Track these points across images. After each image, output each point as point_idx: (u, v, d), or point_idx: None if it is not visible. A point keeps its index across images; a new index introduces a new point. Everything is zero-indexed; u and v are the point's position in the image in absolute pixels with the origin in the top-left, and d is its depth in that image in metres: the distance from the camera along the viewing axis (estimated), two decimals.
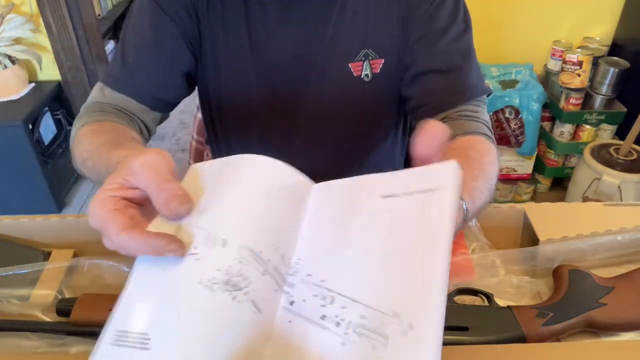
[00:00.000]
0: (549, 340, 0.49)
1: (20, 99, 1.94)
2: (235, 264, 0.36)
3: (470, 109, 0.70)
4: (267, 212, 0.40)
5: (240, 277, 0.36)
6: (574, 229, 0.59)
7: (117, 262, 0.56)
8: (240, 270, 0.36)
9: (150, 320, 0.35)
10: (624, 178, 1.66)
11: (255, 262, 0.37)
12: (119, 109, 0.71)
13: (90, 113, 0.68)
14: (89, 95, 0.73)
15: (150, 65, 0.72)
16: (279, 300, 0.37)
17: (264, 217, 0.40)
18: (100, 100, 0.71)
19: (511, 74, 1.92)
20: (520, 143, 1.95)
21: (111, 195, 0.40)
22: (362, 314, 0.34)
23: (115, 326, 0.35)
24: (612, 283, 0.54)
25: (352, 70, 0.75)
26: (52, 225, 0.64)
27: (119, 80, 0.71)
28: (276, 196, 0.42)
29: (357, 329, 0.33)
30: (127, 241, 0.37)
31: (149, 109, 0.73)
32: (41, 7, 1.91)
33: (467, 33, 0.73)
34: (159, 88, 0.73)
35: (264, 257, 0.37)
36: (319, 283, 0.37)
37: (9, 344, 0.51)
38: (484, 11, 1.87)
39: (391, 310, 0.32)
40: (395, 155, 0.93)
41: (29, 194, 1.99)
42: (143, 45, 0.71)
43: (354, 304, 0.34)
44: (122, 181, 0.40)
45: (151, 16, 0.71)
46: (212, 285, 0.35)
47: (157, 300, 0.36)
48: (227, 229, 0.38)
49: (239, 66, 0.75)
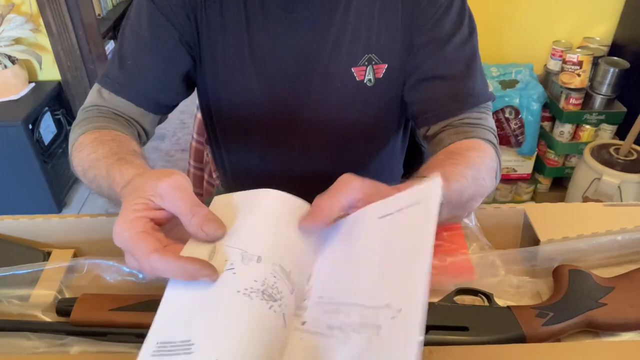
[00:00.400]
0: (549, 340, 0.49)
1: (20, 99, 1.95)
2: (270, 277, 0.39)
3: (474, 116, 0.70)
4: (290, 239, 0.44)
5: (275, 290, 0.38)
6: (574, 229, 0.59)
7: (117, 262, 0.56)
8: (275, 284, 0.39)
9: (192, 327, 0.37)
10: (624, 178, 1.66)
11: (286, 279, 0.40)
12: (118, 113, 0.71)
13: (89, 119, 0.68)
14: (87, 98, 0.73)
15: (149, 68, 0.71)
16: (294, 322, 0.40)
17: (289, 243, 0.44)
18: (98, 103, 0.71)
19: (511, 74, 1.92)
20: (520, 143, 1.95)
21: (139, 217, 0.42)
22: (361, 314, 0.36)
23: (156, 339, 0.37)
24: (612, 283, 0.54)
25: (355, 75, 0.74)
26: (52, 225, 0.64)
27: (118, 83, 0.71)
28: (294, 226, 0.45)
29: (357, 328, 0.36)
30: (158, 263, 0.39)
31: (147, 112, 0.73)
32: (41, 7, 1.91)
33: (472, 39, 0.72)
34: (158, 91, 0.73)
35: (293, 277, 0.41)
36: (327, 301, 0.40)
37: (9, 344, 0.51)
38: (484, 11, 1.87)
39: (384, 303, 0.35)
40: (396, 159, 0.93)
41: (29, 194, 2.00)
42: (141, 47, 0.71)
43: (354, 308, 0.37)
44: (147, 202, 0.42)
45: (149, 17, 0.70)
46: (250, 294, 0.37)
47: (197, 309, 0.38)
48: (260, 248, 0.41)
49: (238, 69, 0.74)
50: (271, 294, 0.38)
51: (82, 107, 0.72)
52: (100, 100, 0.71)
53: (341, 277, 0.42)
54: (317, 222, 0.44)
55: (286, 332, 0.38)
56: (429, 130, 0.73)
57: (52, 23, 1.94)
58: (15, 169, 1.93)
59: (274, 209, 0.46)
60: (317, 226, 0.45)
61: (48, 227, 0.64)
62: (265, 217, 0.45)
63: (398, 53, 0.73)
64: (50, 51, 2.02)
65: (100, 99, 0.71)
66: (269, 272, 0.39)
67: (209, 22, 0.72)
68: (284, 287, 0.40)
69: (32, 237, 0.64)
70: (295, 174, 0.84)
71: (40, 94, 1.99)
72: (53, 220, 0.64)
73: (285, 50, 0.73)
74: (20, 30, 1.88)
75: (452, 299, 0.52)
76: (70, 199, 2.17)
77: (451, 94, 0.70)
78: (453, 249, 0.59)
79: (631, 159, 1.72)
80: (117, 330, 0.50)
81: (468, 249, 0.61)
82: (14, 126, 1.81)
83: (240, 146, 0.84)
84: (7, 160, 1.90)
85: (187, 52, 0.73)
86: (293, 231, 0.45)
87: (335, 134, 0.80)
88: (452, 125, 0.70)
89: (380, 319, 0.35)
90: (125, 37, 0.72)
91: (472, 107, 0.70)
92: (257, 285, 0.38)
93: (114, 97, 0.71)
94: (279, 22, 0.71)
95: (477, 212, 0.64)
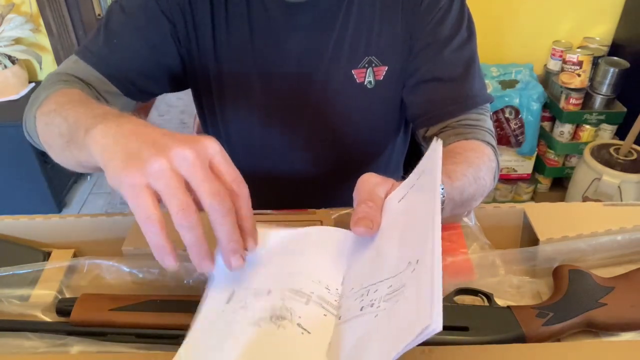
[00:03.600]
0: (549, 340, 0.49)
1: (20, 99, 1.95)
2: (278, 302, 0.44)
3: (472, 117, 0.70)
4: (308, 259, 0.50)
5: (284, 310, 0.43)
6: (574, 228, 0.59)
7: (117, 262, 0.56)
8: (284, 305, 0.43)
9: (213, 354, 0.41)
10: (624, 178, 1.66)
11: (297, 296, 0.44)
12: (91, 85, 0.68)
13: (60, 82, 0.64)
14: (60, 65, 0.69)
15: (133, 49, 0.69)
16: (331, 322, 0.43)
17: (304, 264, 0.49)
18: (72, 72, 0.68)
19: (511, 74, 1.92)
20: (520, 143, 1.95)
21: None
22: (388, 285, 0.40)
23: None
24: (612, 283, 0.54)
25: (355, 77, 0.74)
26: (52, 225, 0.64)
27: (99, 58, 0.68)
28: (317, 246, 0.51)
29: (385, 297, 0.39)
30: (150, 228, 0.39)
31: (120, 93, 0.71)
32: (41, 7, 1.91)
33: (471, 41, 0.73)
34: (140, 76, 0.71)
35: (306, 291, 0.45)
36: (357, 289, 0.44)
37: (9, 344, 0.51)
38: (485, 11, 1.87)
39: (405, 264, 0.39)
40: (397, 159, 0.93)
41: (29, 194, 2.00)
42: (129, 27, 0.69)
43: (381, 283, 0.41)
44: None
45: (142, 2, 0.69)
46: (259, 322, 0.42)
47: (216, 340, 0.42)
48: (271, 282, 0.46)
49: (241, 72, 0.75)
50: (279, 315, 0.42)
51: (50, 73, 0.68)
52: (75, 70, 0.68)
53: (367, 266, 0.45)
54: (375, 229, 0.47)
55: (315, 336, 0.42)
56: (428, 131, 0.73)
57: (52, 23, 1.94)
58: (15, 169, 1.93)
59: (283, 244, 0.51)
60: (375, 233, 0.47)
61: (48, 227, 0.63)
62: (269, 253, 0.49)
63: (398, 55, 0.73)
64: (50, 51, 2.02)
65: (75, 69, 0.68)
66: (279, 298, 0.44)
67: (214, 26, 0.72)
68: (294, 304, 0.44)
69: (32, 237, 0.64)
70: (296, 175, 0.84)
71: None
72: (53, 220, 0.63)
73: (286, 53, 0.73)
74: (20, 30, 1.89)
75: (452, 298, 0.52)
76: (70, 199, 2.17)
77: (450, 96, 0.71)
78: (453, 249, 0.59)
79: (631, 159, 1.72)
80: (117, 330, 0.50)
81: (468, 248, 0.61)
82: (14, 126, 1.81)
83: (243, 148, 0.84)
84: (7, 160, 1.90)
85: (175, 46, 0.72)
86: (315, 250, 0.50)
87: (336, 136, 0.80)
88: (450, 127, 0.70)
89: (404, 279, 0.38)
90: (114, 14, 0.70)
91: (471, 108, 0.71)
92: (265, 313, 0.43)
93: (91, 71, 0.68)
94: (281, 26, 0.71)
95: (477, 211, 0.64)
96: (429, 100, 0.72)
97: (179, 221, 0.38)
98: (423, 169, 0.46)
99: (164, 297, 0.52)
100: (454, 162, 0.60)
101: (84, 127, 0.46)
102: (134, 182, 0.38)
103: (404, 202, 0.46)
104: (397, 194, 0.49)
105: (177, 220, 0.38)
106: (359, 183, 0.50)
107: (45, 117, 0.57)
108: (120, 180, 0.39)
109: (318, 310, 0.44)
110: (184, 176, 0.39)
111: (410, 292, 0.36)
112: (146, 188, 0.38)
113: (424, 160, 0.47)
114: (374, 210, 0.47)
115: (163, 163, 0.38)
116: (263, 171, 0.85)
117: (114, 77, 0.69)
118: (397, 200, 0.48)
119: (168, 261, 0.40)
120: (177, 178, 0.38)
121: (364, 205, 0.47)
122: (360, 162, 0.86)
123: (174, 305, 0.51)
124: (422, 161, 0.47)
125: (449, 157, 0.62)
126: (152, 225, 0.38)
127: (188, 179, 0.39)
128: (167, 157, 0.39)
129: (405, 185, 0.49)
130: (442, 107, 0.71)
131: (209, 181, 0.39)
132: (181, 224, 0.38)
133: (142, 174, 0.38)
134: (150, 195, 0.38)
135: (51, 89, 0.61)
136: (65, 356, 0.50)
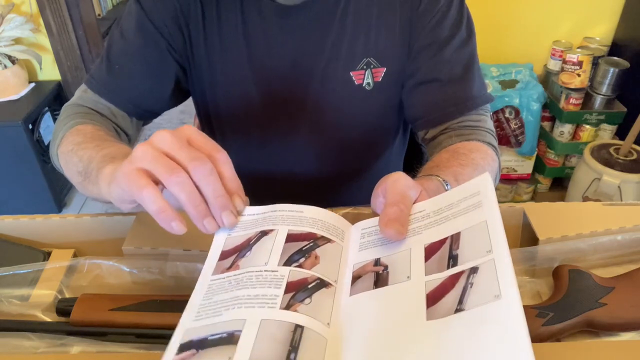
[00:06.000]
0: (549, 340, 0.49)
1: (20, 99, 1.95)
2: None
3: (472, 118, 0.70)
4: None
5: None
6: (574, 228, 0.59)
7: (117, 262, 0.56)
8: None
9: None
10: (624, 178, 1.66)
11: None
12: (102, 114, 0.71)
13: (75, 115, 0.69)
14: (74, 96, 0.73)
15: (135, 74, 0.71)
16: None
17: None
18: (82, 103, 0.72)
19: (511, 74, 1.92)
20: (520, 143, 1.95)
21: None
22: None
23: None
24: (612, 283, 0.54)
25: (354, 79, 0.73)
26: (52, 225, 0.64)
27: (103, 86, 0.71)
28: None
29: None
30: (149, 197, 0.42)
31: (130, 117, 0.73)
32: (41, 7, 1.91)
33: (471, 41, 0.72)
34: (142, 97, 0.73)
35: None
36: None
37: (9, 344, 0.51)
38: (484, 11, 1.87)
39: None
40: (396, 161, 0.93)
41: (29, 194, 2.00)
42: (128, 53, 0.71)
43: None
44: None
45: (137, 23, 0.70)
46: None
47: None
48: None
49: (236, 76, 0.74)
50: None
51: (67, 104, 0.72)
52: (85, 100, 0.71)
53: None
54: (404, 235, 0.45)
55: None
56: (428, 133, 0.73)
57: (52, 23, 1.94)
58: (15, 169, 1.93)
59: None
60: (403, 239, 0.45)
61: (48, 227, 0.63)
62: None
63: (397, 56, 0.73)
64: (50, 51, 2.02)
65: (85, 99, 0.72)
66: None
67: (206, 31, 0.71)
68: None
69: (32, 237, 0.64)
70: (294, 177, 0.84)
71: (40, 94, 1.99)
72: (53, 220, 0.63)
73: (282, 56, 0.72)
74: (20, 30, 1.88)
75: None
76: (70, 199, 2.17)
77: (450, 98, 0.70)
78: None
79: (631, 159, 1.72)
80: (117, 330, 0.50)
81: None
82: (14, 126, 1.81)
83: (239, 151, 0.83)
84: (7, 160, 1.90)
85: (175, 60, 0.73)
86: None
87: (335, 138, 0.80)
88: (451, 128, 0.70)
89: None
90: (114, 40, 0.72)
91: (471, 110, 0.70)
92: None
93: (98, 99, 0.71)
94: (277, 28, 0.71)
95: None
96: (428, 102, 0.72)
97: (170, 182, 0.42)
98: (478, 190, 0.44)
99: (164, 297, 0.52)
100: (460, 163, 0.60)
101: (96, 167, 0.54)
102: (124, 171, 0.43)
103: (444, 214, 0.45)
104: (433, 203, 0.47)
105: (169, 182, 0.42)
106: (389, 182, 0.48)
107: (65, 156, 0.64)
108: (116, 179, 0.45)
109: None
110: (165, 152, 0.43)
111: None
112: (136, 170, 0.43)
113: (478, 184, 0.45)
114: (405, 214, 0.46)
115: (145, 147, 0.43)
116: (261, 173, 0.85)
117: (119, 103, 0.72)
118: (433, 210, 0.46)
119: (176, 225, 0.42)
120: (159, 152, 0.43)
121: (396, 207, 0.45)
122: (358, 163, 0.85)
123: (174, 305, 0.51)
124: (474, 183, 0.45)
125: (454, 157, 0.62)
126: (148, 193, 0.42)
127: (169, 153, 0.43)
128: (149, 143, 0.43)
129: (434, 203, 0.47)
130: (442, 108, 0.71)
131: (188, 149, 0.43)
132: (174, 182, 0.42)
133: (129, 162, 0.44)
134: (140, 172, 0.42)
135: (68, 125, 0.67)
136: (65, 356, 0.50)
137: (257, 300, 0.39)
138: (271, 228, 0.46)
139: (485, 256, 0.38)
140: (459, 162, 0.60)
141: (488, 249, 0.38)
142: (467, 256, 0.39)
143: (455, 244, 0.41)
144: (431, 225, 0.44)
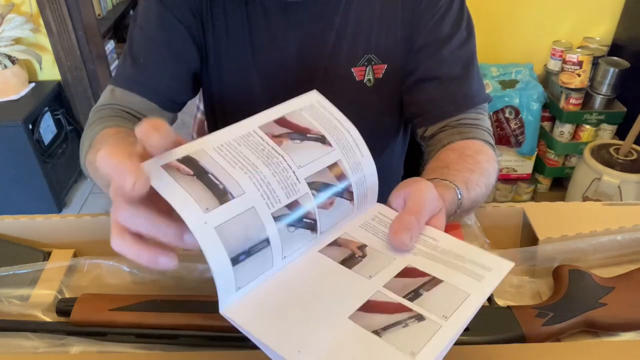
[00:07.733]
0: (549, 340, 0.49)
1: (20, 99, 1.95)
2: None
3: (471, 117, 0.71)
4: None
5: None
6: (573, 228, 0.59)
7: (117, 262, 0.56)
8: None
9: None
10: (624, 178, 1.66)
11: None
12: (130, 111, 0.71)
13: (101, 119, 0.67)
14: (100, 99, 0.73)
15: (162, 65, 0.72)
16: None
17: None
18: (111, 102, 0.71)
19: (511, 74, 1.92)
20: (520, 143, 1.95)
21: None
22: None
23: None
24: (612, 283, 0.54)
25: (355, 75, 0.74)
26: (52, 225, 0.64)
27: (131, 80, 0.71)
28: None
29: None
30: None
31: (159, 109, 0.73)
32: (41, 7, 1.91)
33: (470, 41, 0.73)
34: (171, 87, 0.73)
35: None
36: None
37: (9, 344, 0.51)
38: (484, 11, 1.87)
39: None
40: (397, 159, 0.93)
41: (29, 194, 2.00)
42: (152, 45, 0.72)
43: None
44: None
45: (157, 17, 0.71)
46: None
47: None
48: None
49: (241, 70, 0.75)
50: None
51: (94, 107, 0.72)
52: (112, 99, 0.71)
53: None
54: (409, 246, 0.43)
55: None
56: (427, 131, 0.73)
57: (52, 23, 1.94)
58: (15, 169, 1.93)
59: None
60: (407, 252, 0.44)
61: (48, 227, 0.64)
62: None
63: (398, 54, 0.73)
64: (50, 51, 2.02)
65: (112, 98, 0.71)
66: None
67: (214, 25, 0.72)
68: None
69: (32, 237, 0.64)
70: None
71: (40, 94, 1.99)
72: (53, 220, 0.64)
73: (285, 52, 0.73)
74: (20, 30, 1.89)
75: None
76: (70, 199, 2.17)
77: (449, 96, 0.71)
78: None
79: (631, 159, 1.72)
80: (117, 330, 0.50)
81: None
82: (14, 126, 1.81)
83: None
84: (7, 160, 1.90)
85: (196, 50, 0.74)
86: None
87: None
88: (450, 126, 0.70)
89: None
90: (135, 38, 0.72)
91: (470, 108, 0.71)
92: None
93: (128, 95, 0.71)
94: (279, 24, 0.72)
95: (477, 211, 0.64)
96: (427, 100, 0.73)
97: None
98: (490, 267, 0.42)
99: (164, 297, 0.52)
100: (469, 168, 0.59)
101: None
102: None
103: (446, 258, 0.43)
104: (441, 240, 0.45)
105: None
106: (414, 189, 0.46)
107: (91, 166, 0.62)
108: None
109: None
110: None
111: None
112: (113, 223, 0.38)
113: (495, 263, 0.43)
114: (417, 228, 0.44)
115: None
116: None
117: (150, 95, 0.72)
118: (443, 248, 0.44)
119: (163, 260, 0.37)
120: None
121: (413, 217, 0.43)
122: None
123: (174, 305, 0.51)
124: (494, 260, 0.43)
125: (462, 159, 0.62)
126: (115, 247, 0.37)
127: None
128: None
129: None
130: (441, 106, 0.71)
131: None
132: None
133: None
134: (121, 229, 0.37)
135: (93, 131, 0.65)
136: (65, 356, 0.50)
137: (263, 181, 0.39)
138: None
139: (438, 318, 0.37)
140: (467, 166, 0.60)
141: (446, 315, 0.38)
142: (426, 303, 0.39)
143: (429, 285, 0.40)
144: (429, 257, 0.43)
